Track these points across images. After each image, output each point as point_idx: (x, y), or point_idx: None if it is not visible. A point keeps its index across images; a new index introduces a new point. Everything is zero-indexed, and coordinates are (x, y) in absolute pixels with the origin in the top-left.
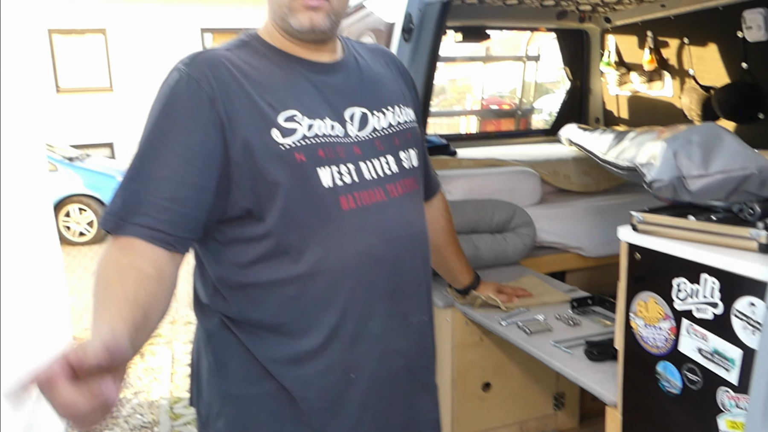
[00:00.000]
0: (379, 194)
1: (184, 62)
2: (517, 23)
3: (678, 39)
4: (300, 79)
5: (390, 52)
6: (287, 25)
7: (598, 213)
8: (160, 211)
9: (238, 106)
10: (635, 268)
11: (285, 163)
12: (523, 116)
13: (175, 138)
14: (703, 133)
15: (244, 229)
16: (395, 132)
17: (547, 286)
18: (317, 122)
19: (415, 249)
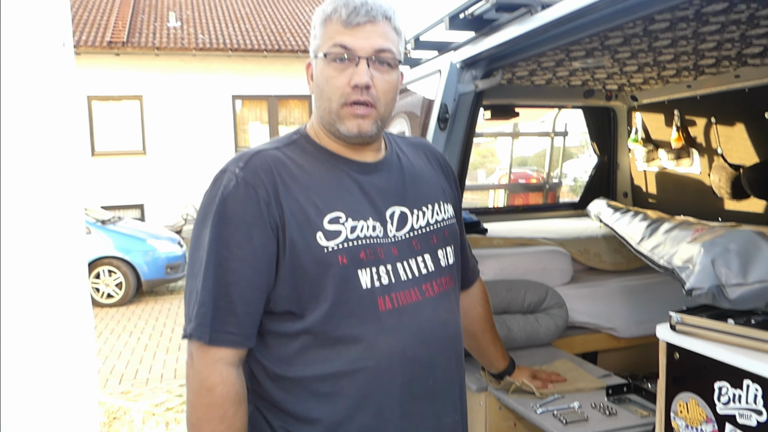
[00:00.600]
0: (414, 294)
1: (239, 166)
2: (545, 101)
3: (705, 118)
4: (345, 180)
5: (432, 147)
6: (335, 130)
7: (630, 292)
8: (235, 315)
9: (288, 211)
10: (675, 367)
11: (328, 265)
12: (551, 190)
13: (239, 243)
14: (740, 241)
15: (284, 324)
16: (433, 230)
17: (581, 370)
18: (360, 223)
19: (449, 349)
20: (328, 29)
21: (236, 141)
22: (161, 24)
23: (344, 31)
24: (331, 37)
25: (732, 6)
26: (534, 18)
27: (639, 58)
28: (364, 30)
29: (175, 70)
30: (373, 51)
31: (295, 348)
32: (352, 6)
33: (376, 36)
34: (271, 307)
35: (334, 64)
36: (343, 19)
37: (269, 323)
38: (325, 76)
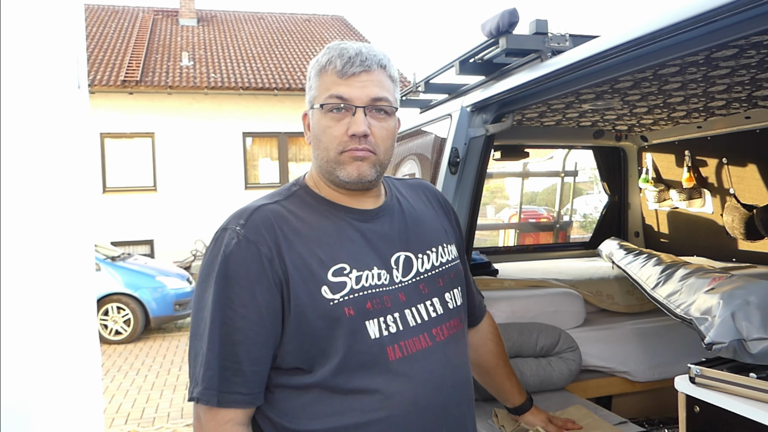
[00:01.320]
0: (424, 340)
1: (240, 223)
2: (555, 142)
3: (716, 158)
4: (348, 229)
5: (431, 187)
6: (335, 177)
7: (644, 335)
8: (242, 375)
9: (291, 266)
10: (695, 421)
11: (335, 318)
12: (561, 229)
13: (243, 302)
14: (760, 294)
15: (292, 378)
16: (439, 273)
17: (596, 417)
18: (365, 273)
19: (461, 394)
20: (323, 80)
21: (246, 177)
22: (174, 63)
23: (340, 81)
24: (327, 87)
25: (742, 51)
26: (544, 64)
27: (649, 101)
28: (360, 80)
29: (186, 108)
30: (370, 100)
31: (304, 401)
32: (347, 56)
33: (371, 85)
34: (278, 363)
35: (331, 114)
36: (338, 70)
37: (277, 377)
38: (322, 126)
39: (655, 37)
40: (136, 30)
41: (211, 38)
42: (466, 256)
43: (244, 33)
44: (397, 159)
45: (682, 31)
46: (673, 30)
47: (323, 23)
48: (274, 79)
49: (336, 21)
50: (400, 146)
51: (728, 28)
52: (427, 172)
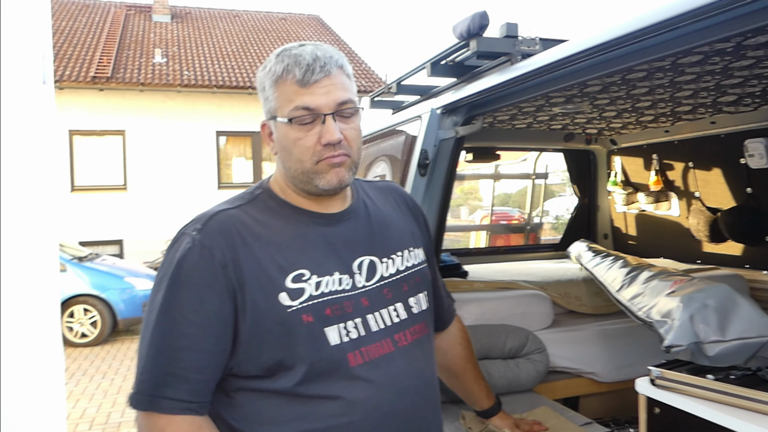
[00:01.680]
0: (387, 346)
1: (197, 228)
2: (526, 144)
3: (683, 162)
4: (310, 234)
5: (400, 190)
6: (313, 187)
7: (611, 336)
8: (182, 381)
9: (248, 272)
10: (655, 422)
11: (293, 325)
12: (532, 231)
13: (192, 308)
14: (718, 297)
15: (252, 383)
16: (404, 278)
17: (562, 419)
18: (325, 279)
19: (425, 399)
20: (283, 90)
21: (219, 177)
22: (147, 60)
23: (302, 91)
24: (290, 99)
25: (707, 58)
26: (514, 67)
27: (617, 105)
28: (322, 86)
29: (159, 106)
30: (336, 105)
31: (265, 406)
32: (304, 64)
33: (334, 89)
34: (236, 371)
35: (299, 125)
36: (298, 79)
37: (236, 382)
38: (292, 138)
39: (621, 42)
40: (107, 25)
41: (185, 35)
42: (435, 258)
43: (219, 30)
44: (368, 160)
45: (647, 37)
46: (638, 35)
47: (299, 22)
48: (249, 77)
49: (312, 20)
50: (372, 147)
51: (691, 35)
52: (397, 173)
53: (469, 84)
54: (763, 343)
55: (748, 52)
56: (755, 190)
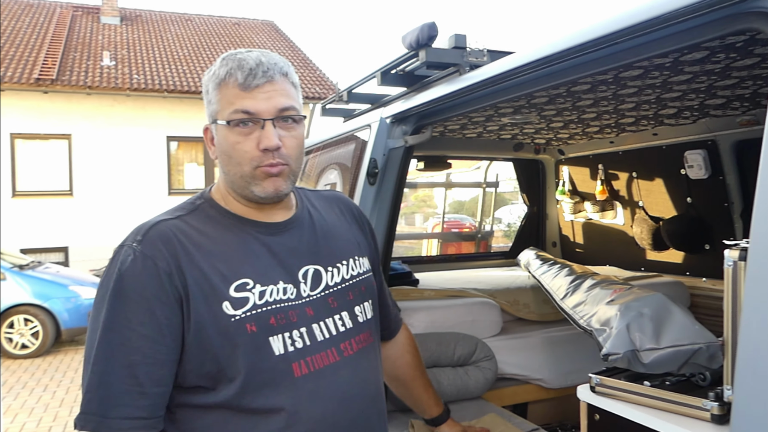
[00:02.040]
0: (332, 355)
1: (137, 239)
2: (477, 153)
3: (627, 172)
4: (253, 243)
5: (345, 199)
6: (249, 193)
7: (558, 343)
8: (140, 397)
9: (191, 282)
10: (595, 428)
11: (236, 335)
12: (483, 239)
13: (140, 320)
14: (653, 306)
15: (194, 397)
16: (349, 286)
17: (510, 425)
18: (270, 288)
19: (371, 409)
20: (225, 93)
21: (170, 183)
22: (94, 63)
23: (243, 95)
24: (231, 102)
25: (647, 72)
26: (462, 78)
27: (564, 116)
28: (264, 91)
29: (107, 109)
30: (277, 111)
31: (208, 422)
32: (247, 68)
33: (276, 95)
34: (179, 381)
35: (238, 129)
36: (240, 83)
37: (178, 396)
38: (231, 142)
39: (564, 56)
40: (52, 26)
41: (134, 38)
42: (382, 268)
43: (170, 34)
44: (319, 168)
45: (589, 51)
46: (580, 49)
47: (253, 27)
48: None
49: (265, 26)
50: (323, 155)
51: (630, 50)
52: (347, 181)
53: (419, 94)
54: (695, 350)
55: (685, 68)
56: (695, 200)
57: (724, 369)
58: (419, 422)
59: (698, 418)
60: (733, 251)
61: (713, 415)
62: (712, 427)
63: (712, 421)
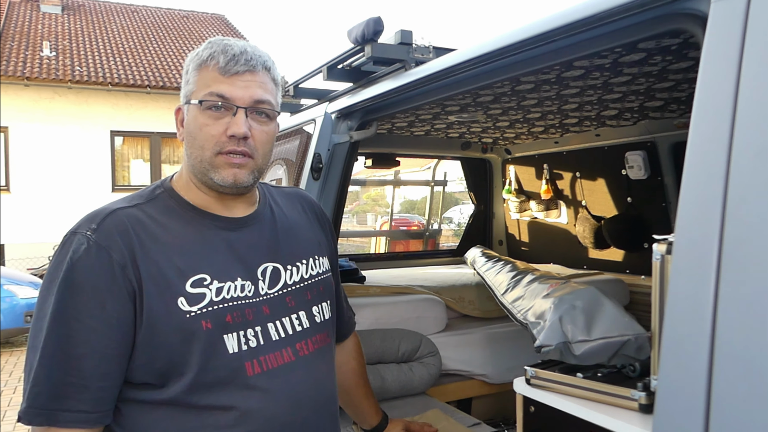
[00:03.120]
0: (286, 355)
1: (91, 228)
2: (425, 152)
3: (571, 172)
4: (213, 238)
5: (309, 197)
6: (209, 179)
7: (501, 339)
8: (84, 391)
9: (146, 275)
10: (530, 420)
11: (190, 332)
12: (431, 237)
13: (90, 313)
14: (586, 299)
15: (142, 393)
16: (308, 286)
17: (452, 420)
18: (227, 284)
19: (323, 410)
20: (203, 75)
21: (114, 178)
22: (33, 53)
23: (222, 79)
24: (208, 84)
25: (588, 73)
26: (408, 73)
27: (510, 115)
28: (243, 79)
29: (47, 102)
30: (252, 101)
31: (154, 418)
32: (230, 54)
33: (255, 86)
34: (127, 377)
35: (210, 112)
36: (220, 67)
37: (125, 392)
38: (199, 123)
39: (505, 53)
40: None
41: (77, 28)
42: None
43: (115, 25)
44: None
45: (528, 48)
46: (520, 47)
47: (202, 21)
48: (147, 76)
49: (216, 19)
50: None
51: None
52: (292, 177)
53: (365, 89)
54: (624, 341)
55: (624, 69)
56: (634, 200)
57: (652, 360)
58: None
59: (627, 408)
60: (661, 245)
61: (641, 405)
62: (639, 416)
63: (640, 410)
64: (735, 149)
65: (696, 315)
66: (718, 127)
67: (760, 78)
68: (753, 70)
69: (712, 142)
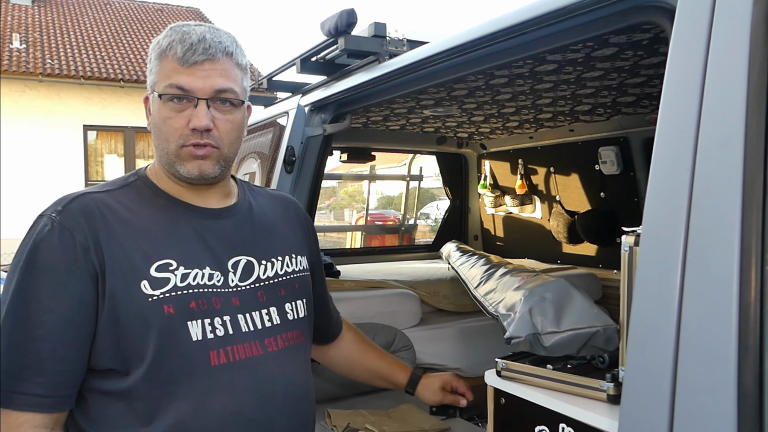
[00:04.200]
0: (255, 348)
1: (56, 210)
2: (400, 146)
3: (545, 167)
4: (183, 226)
5: (293, 201)
6: (175, 171)
7: (475, 333)
8: (39, 374)
9: (110, 258)
10: (501, 412)
11: (151, 316)
12: (406, 232)
13: (50, 294)
14: (555, 291)
15: (106, 382)
16: (282, 282)
17: (426, 414)
18: (194, 271)
19: (292, 409)
20: (163, 65)
21: (87, 173)
22: (2, 45)
23: (181, 69)
24: (168, 75)
25: (561, 67)
26: (381, 66)
27: (484, 110)
28: (203, 69)
29: (17, 95)
30: (213, 92)
31: (118, 409)
32: (188, 43)
33: (215, 75)
34: (92, 364)
35: (171, 104)
36: (179, 57)
37: (91, 380)
38: (162, 116)
39: (477, 45)
40: None
41: (48, 21)
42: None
43: (88, 18)
44: (238, 157)
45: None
46: (492, 38)
47: (177, 14)
48: (121, 69)
49: (191, 13)
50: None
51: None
52: (265, 170)
53: (338, 81)
54: (593, 332)
55: (597, 64)
56: (607, 195)
57: (620, 351)
58: (336, 411)
59: (596, 399)
60: (629, 237)
61: (609, 395)
62: (607, 407)
63: (608, 401)
64: (701, 141)
65: (662, 305)
66: (685, 119)
67: (726, 70)
68: (720, 61)
69: (680, 134)
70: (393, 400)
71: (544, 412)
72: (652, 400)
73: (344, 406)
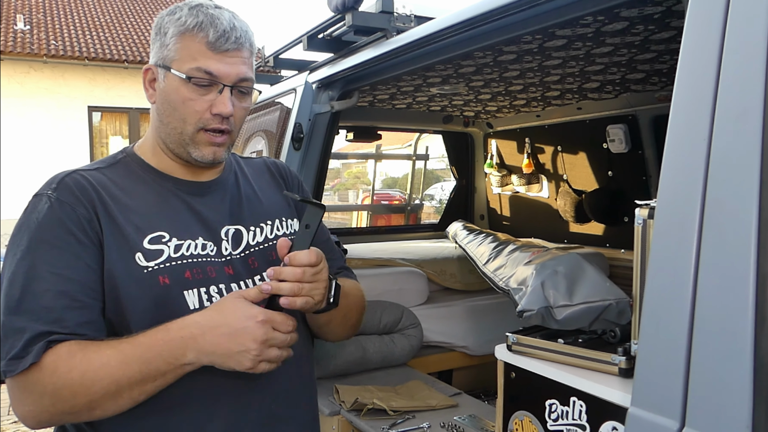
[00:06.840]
0: None
1: (51, 188)
2: (406, 125)
3: (552, 146)
4: (173, 200)
5: (272, 160)
6: (186, 154)
7: (482, 311)
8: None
9: (106, 233)
10: (511, 387)
11: (148, 287)
12: (412, 211)
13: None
14: (567, 264)
15: None
16: (272, 246)
17: (433, 390)
18: (187, 242)
19: (293, 370)
20: (189, 45)
21: (92, 154)
22: (7, 26)
23: (210, 54)
24: (194, 57)
25: (570, 43)
26: (389, 42)
27: (492, 88)
28: (232, 56)
29: (21, 77)
30: (238, 80)
31: None
32: (221, 29)
33: (241, 64)
34: None
35: (195, 87)
36: (209, 41)
37: None
38: (182, 96)
39: (485, 18)
40: None
41: (52, 2)
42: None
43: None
44: (246, 135)
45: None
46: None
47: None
48: (125, 50)
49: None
50: (250, 122)
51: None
52: (273, 148)
53: (346, 58)
54: (605, 306)
55: (606, 39)
56: (615, 174)
57: (632, 325)
58: (344, 387)
59: (607, 373)
60: (642, 210)
61: (621, 369)
62: (619, 380)
63: (620, 374)
64: (718, 111)
65: (677, 278)
66: (702, 88)
67: (744, 38)
68: (738, 30)
69: (696, 104)
70: (401, 376)
71: (554, 386)
72: (666, 373)
73: (352, 382)
